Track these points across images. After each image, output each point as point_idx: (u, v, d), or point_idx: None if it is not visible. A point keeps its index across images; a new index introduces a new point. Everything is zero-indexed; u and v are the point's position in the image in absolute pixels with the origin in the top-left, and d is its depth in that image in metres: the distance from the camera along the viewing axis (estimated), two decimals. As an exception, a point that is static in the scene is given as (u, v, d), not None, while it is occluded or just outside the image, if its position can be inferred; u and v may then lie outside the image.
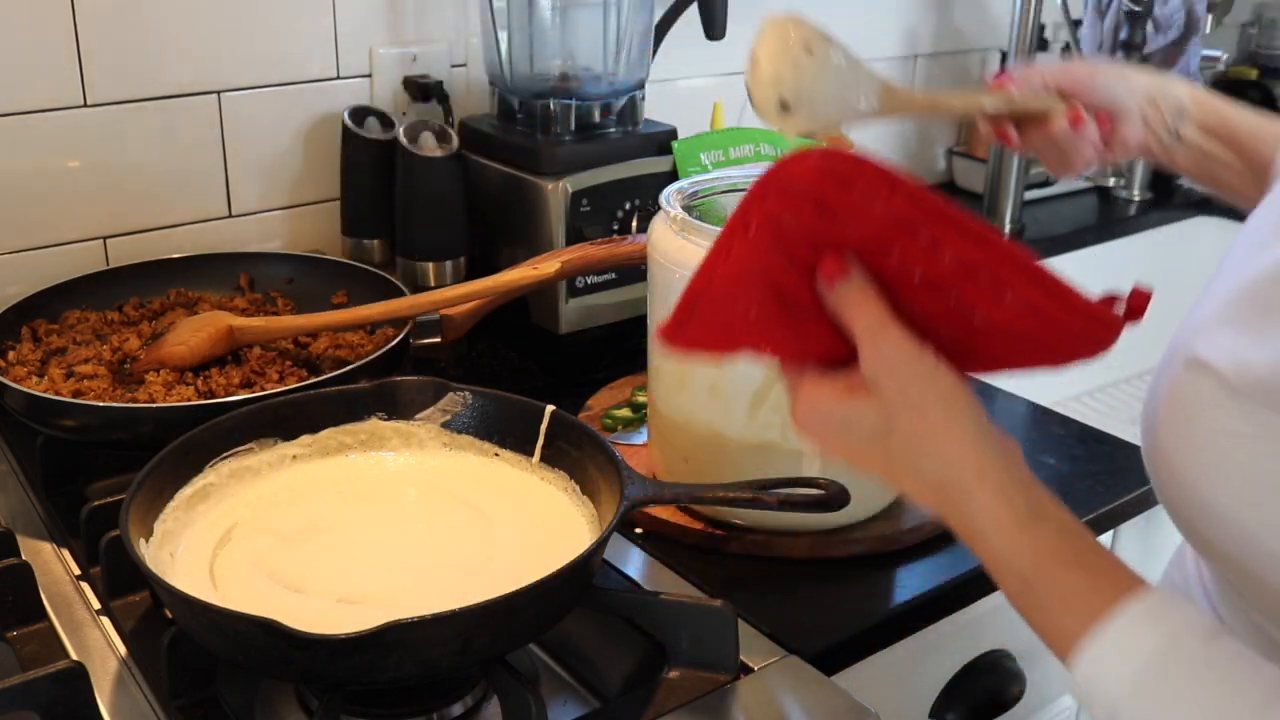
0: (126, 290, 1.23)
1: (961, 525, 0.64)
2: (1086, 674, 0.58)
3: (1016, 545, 0.61)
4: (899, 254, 0.63)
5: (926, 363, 0.63)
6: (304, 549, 0.83)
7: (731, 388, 0.93)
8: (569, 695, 0.89)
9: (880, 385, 0.63)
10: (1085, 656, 0.58)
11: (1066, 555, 0.61)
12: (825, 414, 0.65)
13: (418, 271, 1.31)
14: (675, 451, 1.00)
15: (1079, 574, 0.60)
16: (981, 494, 0.62)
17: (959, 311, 0.64)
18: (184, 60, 1.28)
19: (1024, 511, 0.62)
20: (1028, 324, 0.65)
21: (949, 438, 0.63)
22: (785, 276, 0.64)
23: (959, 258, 0.62)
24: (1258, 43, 2.41)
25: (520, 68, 1.31)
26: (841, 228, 0.63)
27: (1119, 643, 0.57)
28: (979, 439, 0.63)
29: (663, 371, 0.99)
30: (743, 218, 0.64)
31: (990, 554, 0.63)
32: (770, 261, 0.64)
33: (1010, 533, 0.62)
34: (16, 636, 0.84)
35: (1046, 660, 1.13)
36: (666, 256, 0.95)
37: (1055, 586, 0.60)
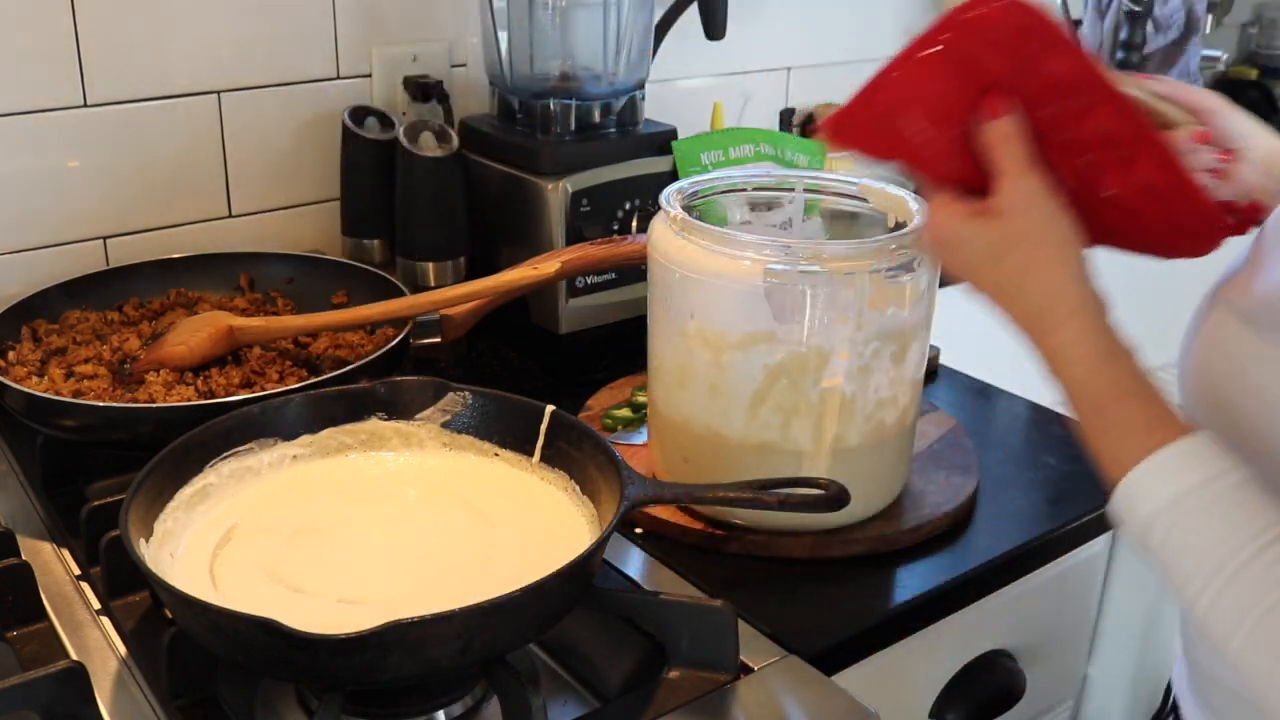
0: (126, 290, 1.23)
1: (1049, 351, 0.73)
2: (1131, 493, 0.68)
3: (1093, 374, 0.71)
4: (1053, 111, 0.71)
5: (1052, 206, 0.72)
6: (304, 549, 0.83)
7: (731, 388, 0.93)
8: (569, 695, 0.89)
9: (1008, 215, 0.73)
10: (1133, 478, 0.68)
11: (1135, 392, 0.70)
12: (953, 230, 0.76)
13: (418, 271, 1.31)
14: (675, 451, 1.00)
15: (1142, 410, 0.69)
16: (1073, 326, 0.71)
17: (1089, 176, 0.73)
18: (184, 60, 1.28)
19: (1105, 349, 0.71)
20: (1145, 204, 0.73)
21: (1056, 273, 0.72)
22: (950, 103, 0.72)
23: (1104, 127, 0.70)
24: (1258, 43, 2.41)
25: (520, 68, 1.31)
26: (1011, 73, 0.70)
27: (1164, 471, 0.67)
28: (1080, 280, 0.72)
29: (663, 371, 0.99)
30: (928, 41, 0.72)
31: (1070, 379, 0.72)
32: (942, 87, 0.72)
33: (1089, 363, 0.71)
34: (16, 636, 0.84)
35: (1047, 660, 1.14)
36: (666, 256, 0.95)
37: (1120, 416, 0.69)
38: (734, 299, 0.91)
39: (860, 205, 1.04)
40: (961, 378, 1.33)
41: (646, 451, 1.08)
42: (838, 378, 0.92)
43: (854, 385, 0.92)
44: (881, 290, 0.89)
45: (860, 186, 1.03)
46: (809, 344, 0.90)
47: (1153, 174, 0.73)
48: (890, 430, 0.96)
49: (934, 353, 1.34)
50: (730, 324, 0.91)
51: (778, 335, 0.90)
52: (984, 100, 0.72)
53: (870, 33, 1.86)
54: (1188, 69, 1.82)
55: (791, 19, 1.74)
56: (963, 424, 1.15)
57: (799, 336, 0.90)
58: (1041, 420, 1.23)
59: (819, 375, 0.91)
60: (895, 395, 0.95)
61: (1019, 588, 1.03)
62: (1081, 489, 1.08)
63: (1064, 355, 0.72)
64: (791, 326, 0.90)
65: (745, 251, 0.90)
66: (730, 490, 0.86)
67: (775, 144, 1.34)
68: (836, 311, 0.89)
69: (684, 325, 0.94)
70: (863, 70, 0.77)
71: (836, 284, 0.88)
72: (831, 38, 1.81)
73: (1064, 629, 1.15)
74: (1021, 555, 1.01)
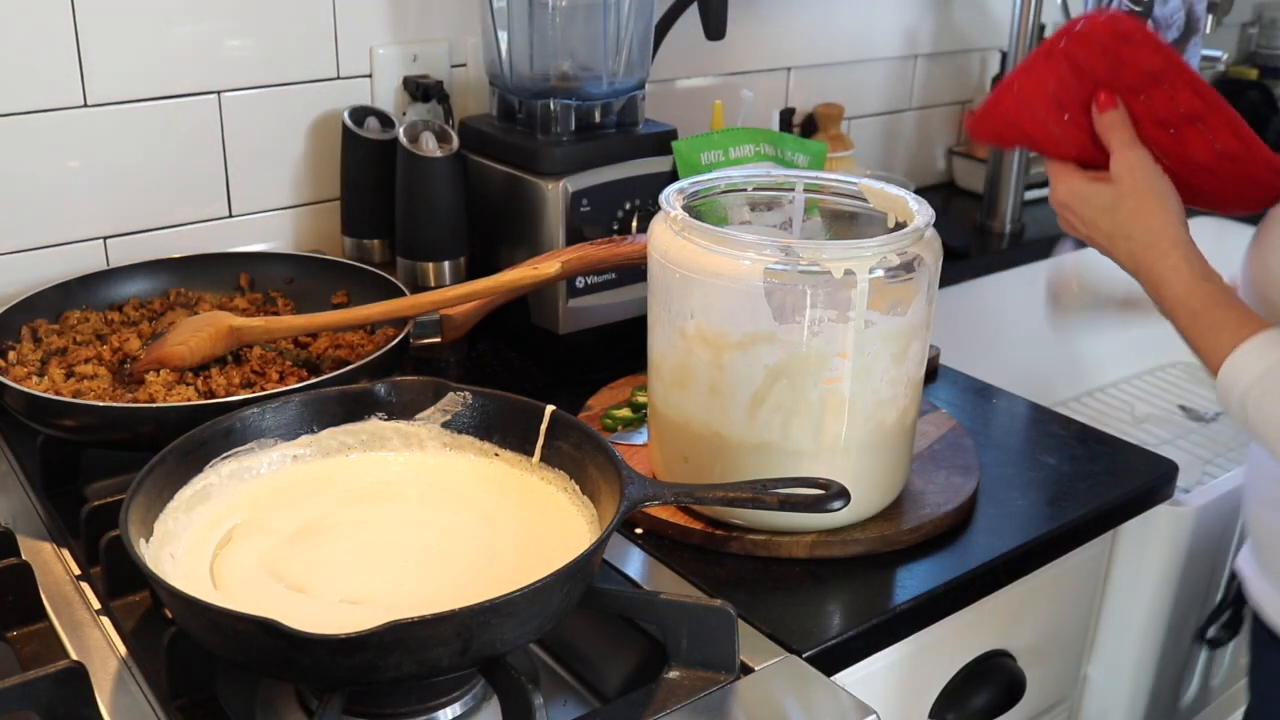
0: (127, 290, 1.23)
1: (1156, 276, 0.94)
2: (1231, 373, 0.88)
3: (1192, 290, 0.92)
4: (1147, 98, 0.93)
5: (1155, 170, 0.95)
6: (304, 549, 0.83)
7: (731, 388, 0.93)
8: (569, 695, 0.89)
9: (1121, 178, 0.95)
10: (1231, 360, 0.88)
11: (1224, 301, 0.91)
12: (1077, 189, 0.97)
13: (418, 271, 1.31)
14: (675, 451, 1.00)
15: (1232, 313, 0.91)
16: (1173, 255, 0.93)
17: (1179, 146, 0.95)
18: (184, 60, 1.28)
19: (1201, 271, 0.93)
20: (1225, 166, 0.95)
21: (1160, 218, 0.94)
22: (1070, 97, 0.94)
23: (1189, 107, 0.93)
24: (1258, 43, 2.41)
25: (520, 68, 1.31)
26: (1114, 70, 0.92)
27: (1254, 352, 0.88)
28: (1178, 224, 0.95)
29: (662, 371, 0.99)
30: (1049, 48, 0.94)
31: (1172, 297, 0.93)
32: (1062, 84, 0.94)
33: (1189, 282, 0.92)
34: (16, 636, 0.84)
35: (1047, 660, 1.14)
36: (666, 256, 0.95)
37: (1217, 318, 0.91)
38: (734, 299, 0.91)
39: (860, 205, 1.04)
40: (961, 378, 1.33)
41: (646, 451, 1.08)
42: (838, 378, 0.92)
43: (854, 385, 0.92)
44: (882, 290, 0.90)
45: (860, 186, 1.03)
46: (809, 344, 0.90)
47: (1228, 140, 0.94)
48: (891, 430, 0.96)
49: (934, 353, 1.34)
50: (730, 324, 0.91)
51: (778, 335, 0.90)
52: (1096, 94, 0.94)
53: (870, 33, 1.86)
54: (1188, 69, 1.82)
55: (791, 19, 1.74)
56: (963, 424, 1.15)
57: (799, 337, 0.90)
58: (1041, 420, 1.23)
59: (819, 375, 0.91)
60: (895, 395, 0.95)
61: (1019, 588, 1.03)
62: (1081, 489, 1.08)
63: (1170, 277, 0.93)
64: (792, 327, 0.90)
65: (745, 252, 0.90)
66: (730, 490, 0.86)
67: (775, 144, 1.34)
68: (837, 312, 0.89)
69: (684, 325, 0.94)
70: (863, 70, 0.77)
71: (837, 284, 0.88)
72: (831, 38, 1.81)
73: (1064, 629, 1.15)
74: (1021, 555, 1.01)
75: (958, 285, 1.71)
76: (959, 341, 1.46)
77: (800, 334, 0.90)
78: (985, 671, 1.05)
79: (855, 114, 1.88)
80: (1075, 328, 1.40)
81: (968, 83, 2.04)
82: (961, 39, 2.00)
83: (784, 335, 0.90)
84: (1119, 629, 1.18)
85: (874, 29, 1.86)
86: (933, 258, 0.94)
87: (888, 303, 0.91)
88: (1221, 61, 1.89)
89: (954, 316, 1.69)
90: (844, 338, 0.90)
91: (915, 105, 1.98)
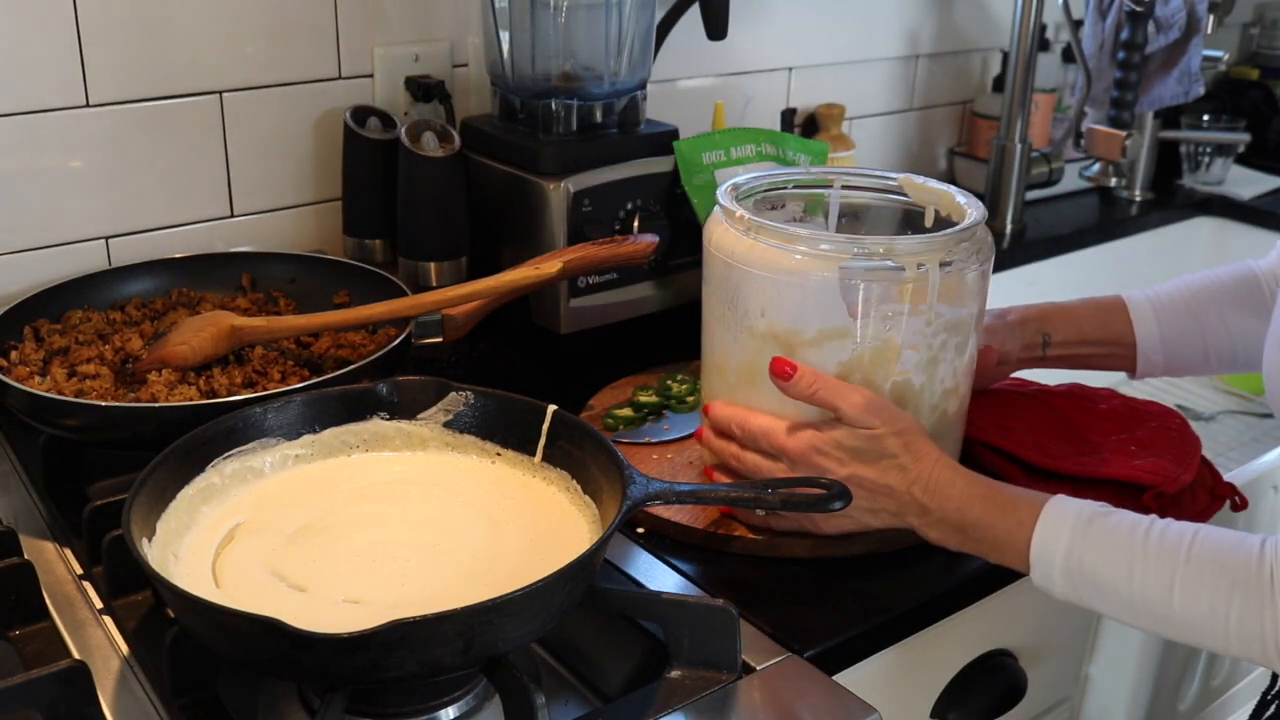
0: (128, 290, 1.23)
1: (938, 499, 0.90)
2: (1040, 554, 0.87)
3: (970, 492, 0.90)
4: None
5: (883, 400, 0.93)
6: (306, 549, 0.83)
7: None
8: (571, 695, 0.89)
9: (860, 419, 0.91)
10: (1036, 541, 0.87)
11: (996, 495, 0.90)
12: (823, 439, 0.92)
13: (419, 271, 1.31)
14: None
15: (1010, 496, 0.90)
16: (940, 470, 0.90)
17: None
18: (186, 60, 1.28)
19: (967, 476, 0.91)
20: None
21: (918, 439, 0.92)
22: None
23: None
24: (1259, 43, 2.41)
25: (522, 68, 1.31)
26: None
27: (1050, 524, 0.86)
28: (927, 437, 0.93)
29: (726, 370, 0.98)
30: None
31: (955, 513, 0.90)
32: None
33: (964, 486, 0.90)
34: (19, 636, 0.84)
35: (1048, 660, 1.14)
36: (733, 256, 0.94)
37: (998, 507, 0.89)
38: (808, 296, 0.91)
39: (875, 199, 1.06)
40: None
41: (647, 452, 1.08)
42: (908, 370, 0.93)
43: (923, 377, 0.94)
44: (947, 283, 0.91)
45: (901, 181, 1.04)
46: (883, 338, 0.91)
47: None
48: (952, 419, 0.98)
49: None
50: (803, 321, 0.92)
51: (852, 331, 0.91)
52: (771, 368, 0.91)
53: (872, 33, 1.86)
54: (1189, 69, 1.82)
55: (793, 19, 1.74)
56: (964, 424, 1.15)
57: (873, 331, 0.91)
58: (1043, 420, 1.23)
59: (890, 369, 0.92)
60: (958, 385, 0.97)
61: (1020, 587, 1.03)
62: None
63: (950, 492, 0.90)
64: (865, 322, 0.91)
65: (819, 249, 0.90)
66: (731, 490, 0.86)
67: (777, 144, 1.34)
68: (910, 305, 0.90)
69: (753, 324, 0.94)
70: (864, 70, 0.77)
71: (910, 279, 0.89)
72: (833, 38, 1.81)
73: (1065, 629, 1.15)
74: (1023, 555, 1.01)
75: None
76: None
77: (874, 328, 0.91)
78: (987, 671, 1.05)
79: (856, 114, 1.88)
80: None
81: (969, 83, 2.04)
82: (963, 39, 2.00)
83: (859, 330, 0.91)
84: (1120, 628, 1.18)
85: (875, 29, 1.86)
86: (988, 250, 0.95)
87: (953, 295, 0.92)
88: (1222, 62, 1.89)
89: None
90: (915, 331, 0.91)
91: (916, 105, 1.98)
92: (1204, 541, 0.83)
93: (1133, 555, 0.84)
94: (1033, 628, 1.09)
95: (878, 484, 0.90)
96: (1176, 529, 0.84)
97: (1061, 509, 0.87)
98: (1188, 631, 0.83)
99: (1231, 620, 0.81)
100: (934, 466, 0.90)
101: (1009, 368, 1.15)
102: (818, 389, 0.91)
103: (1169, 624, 0.84)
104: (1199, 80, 1.83)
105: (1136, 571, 0.83)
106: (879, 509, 0.92)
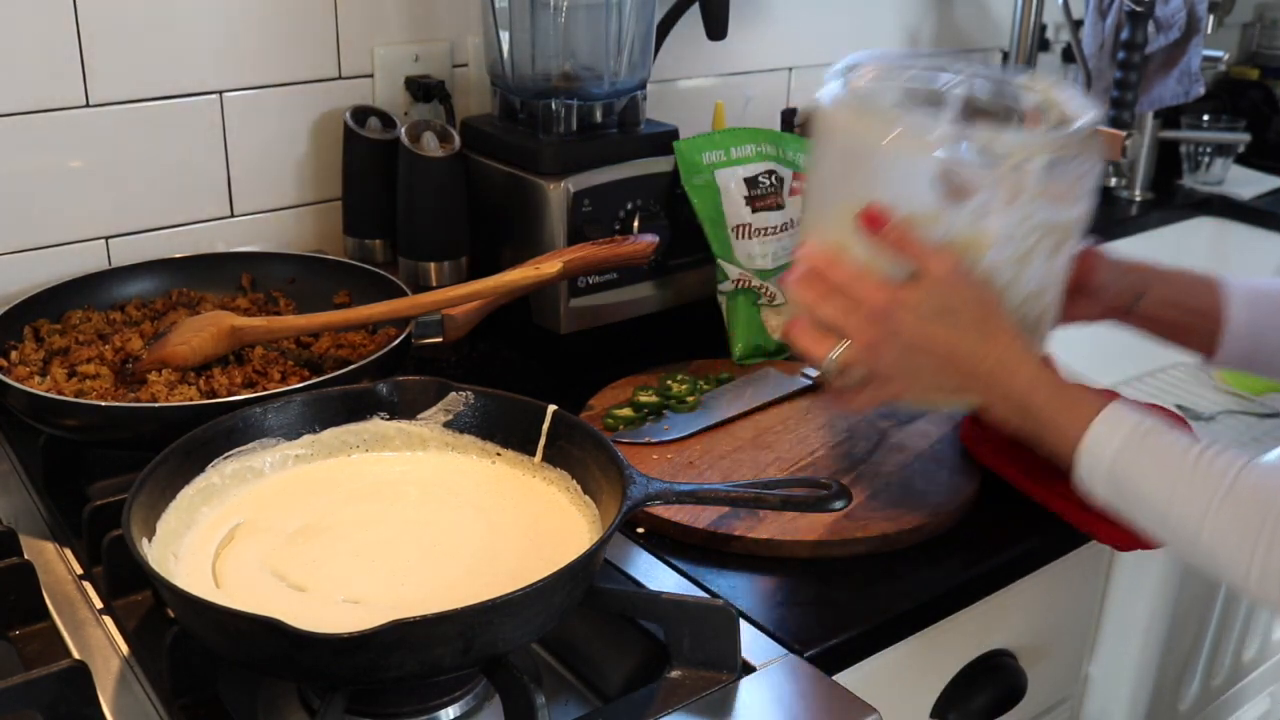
0: (129, 290, 1.23)
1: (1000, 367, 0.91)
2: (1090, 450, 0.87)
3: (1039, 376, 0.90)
4: None
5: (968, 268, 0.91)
6: (307, 549, 0.83)
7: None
8: (571, 695, 0.89)
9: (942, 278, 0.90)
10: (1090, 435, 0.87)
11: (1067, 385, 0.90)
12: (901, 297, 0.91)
13: (419, 271, 1.31)
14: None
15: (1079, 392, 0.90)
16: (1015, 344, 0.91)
17: None
18: (186, 60, 1.28)
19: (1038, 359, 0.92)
20: None
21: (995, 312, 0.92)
22: None
23: None
24: (1259, 43, 2.41)
25: (522, 68, 1.31)
26: None
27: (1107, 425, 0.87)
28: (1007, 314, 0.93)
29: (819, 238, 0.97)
30: None
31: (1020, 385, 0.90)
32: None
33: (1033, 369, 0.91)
34: (19, 636, 0.84)
35: (1048, 660, 1.14)
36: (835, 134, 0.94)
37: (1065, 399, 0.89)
38: (903, 180, 0.90)
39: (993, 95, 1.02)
40: (963, 378, 1.32)
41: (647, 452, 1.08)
42: (996, 264, 0.92)
43: (1010, 272, 0.92)
44: (1048, 182, 0.90)
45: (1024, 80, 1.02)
46: (974, 227, 0.90)
47: None
48: (1030, 325, 0.95)
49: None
50: (899, 201, 0.91)
51: (944, 216, 0.90)
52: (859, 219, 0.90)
53: (872, 33, 1.86)
54: (1189, 69, 1.82)
55: (792, 19, 1.74)
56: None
57: (964, 220, 0.90)
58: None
59: (978, 258, 0.91)
60: (1044, 290, 0.95)
61: (1021, 587, 1.03)
62: (1083, 489, 1.08)
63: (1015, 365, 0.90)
64: (958, 209, 0.90)
65: (923, 132, 0.90)
66: (732, 490, 0.86)
67: (777, 144, 1.34)
68: (1004, 197, 0.89)
69: (849, 204, 0.93)
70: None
71: (1007, 172, 0.89)
72: (832, 38, 1.81)
73: (1065, 628, 1.15)
74: (1022, 555, 1.01)
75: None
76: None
77: (967, 217, 0.90)
78: (987, 671, 1.05)
79: (856, 114, 1.87)
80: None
81: (969, 83, 2.04)
82: (963, 39, 2.00)
83: (950, 217, 0.90)
84: (1120, 628, 1.18)
85: (875, 29, 1.86)
86: (1096, 161, 0.94)
87: (1052, 195, 0.91)
88: (1223, 62, 1.89)
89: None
90: (1008, 225, 0.90)
91: (916, 105, 1.98)
92: (1249, 474, 0.83)
93: (1177, 475, 0.84)
94: (1033, 628, 1.09)
95: (949, 352, 0.90)
96: (1227, 458, 0.84)
97: (1120, 415, 0.87)
98: (1211, 561, 0.83)
99: (1257, 557, 0.80)
100: (1009, 344, 0.90)
101: (1098, 306, 1.10)
102: (907, 242, 0.90)
103: (1195, 550, 0.84)
104: (1199, 80, 1.83)
105: (1178, 491, 0.83)
106: (943, 383, 0.92)
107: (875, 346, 0.91)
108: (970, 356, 0.90)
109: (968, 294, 0.90)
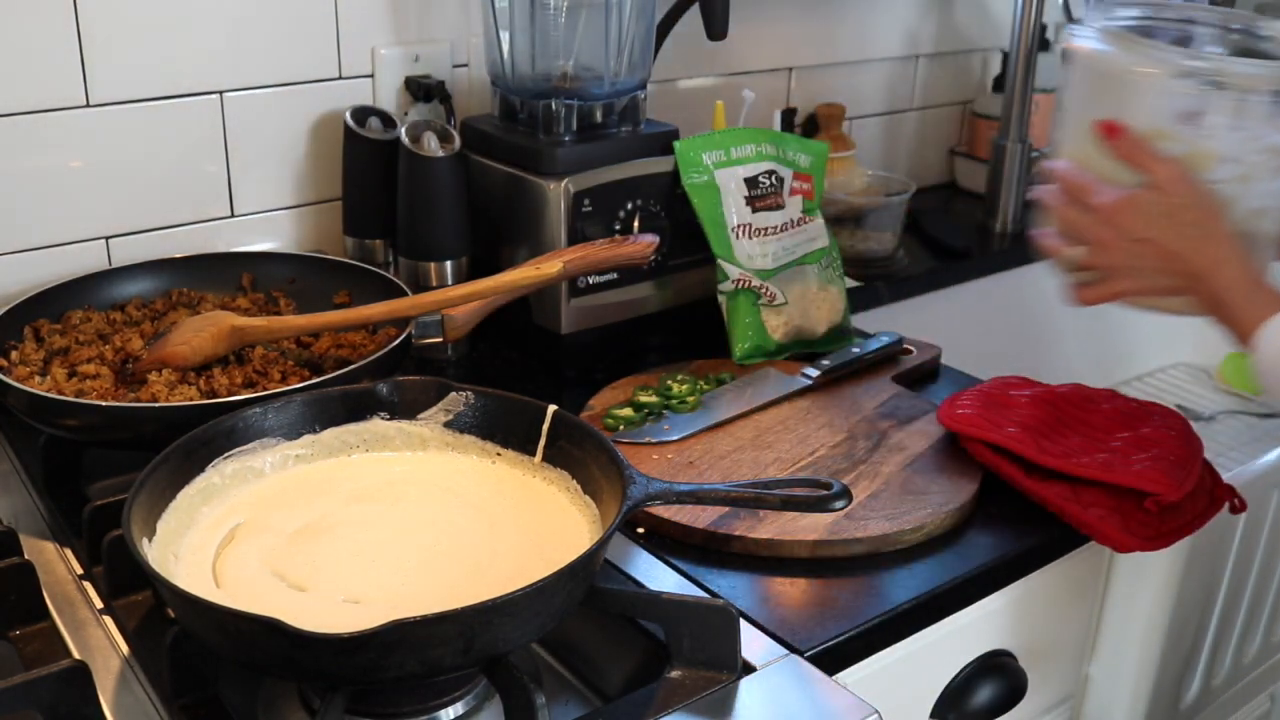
0: (129, 290, 1.23)
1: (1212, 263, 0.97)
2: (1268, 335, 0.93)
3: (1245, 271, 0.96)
4: None
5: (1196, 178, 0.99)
6: (306, 549, 0.83)
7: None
8: (571, 695, 0.89)
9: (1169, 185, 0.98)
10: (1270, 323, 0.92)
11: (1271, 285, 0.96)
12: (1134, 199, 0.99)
13: (419, 271, 1.31)
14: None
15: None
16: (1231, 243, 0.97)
17: None
18: (186, 60, 1.28)
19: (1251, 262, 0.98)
20: None
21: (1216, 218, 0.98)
22: None
23: None
24: (1259, 43, 2.41)
25: (522, 68, 1.31)
26: None
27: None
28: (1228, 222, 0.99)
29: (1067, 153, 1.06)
30: None
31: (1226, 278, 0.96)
32: None
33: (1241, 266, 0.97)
34: (19, 636, 0.84)
35: (1047, 660, 1.14)
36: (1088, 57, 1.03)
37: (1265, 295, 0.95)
38: (1143, 103, 0.99)
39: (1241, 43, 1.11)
40: (962, 378, 1.33)
41: (647, 452, 1.08)
42: (1222, 178, 0.99)
43: (1237, 189, 0.99)
44: (1274, 110, 0.97)
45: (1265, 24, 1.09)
46: (1202, 145, 0.98)
47: None
48: (1258, 240, 1.02)
49: (934, 353, 1.34)
50: (1134, 119, 0.99)
51: (1175, 134, 0.98)
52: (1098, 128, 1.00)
53: (872, 33, 1.86)
54: (1190, 69, 1.83)
55: (793, 19, 1.74)
56: (964, 424, 1.15)
57: (1194, 136, 0.98)
58: (1043, 420, 1.23)
59: (1204, 172, 0.99)
60: (1265, 210, 1.01)
61: (1021, 587, 1.03)
62: (1083, 489, 1.08)
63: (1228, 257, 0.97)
64: (1186, 128, 0.98)
65: (1161, 64, 0.99)
66: (732, 490, 0.86)
67: (777, 144, 1.34)
68: (1231, 121, 0.97)
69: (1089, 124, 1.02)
70: (865, 70, 0.77)
71: (1236, 98, 0.97)
72: (833, 38, 1.81)
73: (1066, 628, 1.15)
74: (1023, 554, 1.01)
75: (958, 285, 1.71)
76: (960, 341, 1.46)
77: (1194, 135, 0.98)
78: (987, 671, 1.05)
79: (857, 114, 1.88)
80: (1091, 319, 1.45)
81: (969, 83, 2.04)
82: (963, 39, 2.00)
83: (1181, 134, 0.98)
84: (1121, 628, 1.18)
85: (875, 29, 1.86)
86: None
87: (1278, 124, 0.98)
88: (1223, 61, 1.89)
89: (954, 316, 1.69)
90: (1234, 145, 0.98)
91: (917, 105, 1.98)
92: None
93: None
94: (1033, 628, 1.09)
95: (1171, 250, 0.97)
96: None
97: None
98: None
99: None
100: (1224, 247, 0.96)
101: None
102: (1140, 151, 0.98)
103: None
104: (1199, 80, 1.83)
105: None
106: (1164, 281, 0.99)
107: (1106, 245, 1.00)
108: (1188, 255, 0.97)
109: (1190, 199, 0.97)
